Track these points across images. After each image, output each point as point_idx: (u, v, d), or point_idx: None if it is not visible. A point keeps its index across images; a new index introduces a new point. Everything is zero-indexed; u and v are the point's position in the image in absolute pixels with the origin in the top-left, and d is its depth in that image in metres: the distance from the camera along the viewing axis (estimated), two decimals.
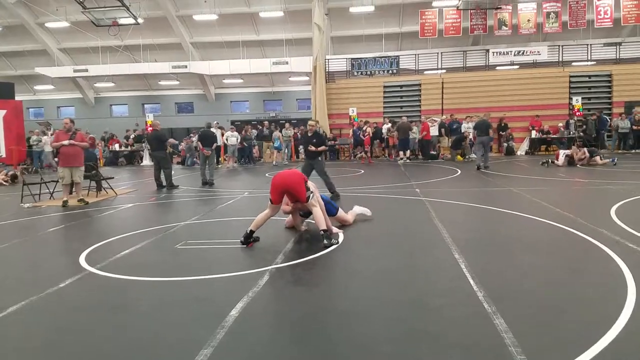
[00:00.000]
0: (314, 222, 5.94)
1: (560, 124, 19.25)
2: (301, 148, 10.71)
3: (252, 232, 5.61)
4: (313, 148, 8.85)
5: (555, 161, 14.01)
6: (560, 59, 21.80)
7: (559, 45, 22.08)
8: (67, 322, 3.49)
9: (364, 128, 18.89)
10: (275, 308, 3.68)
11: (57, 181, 10.44)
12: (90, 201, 9.61)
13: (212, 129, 13.22)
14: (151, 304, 3.80)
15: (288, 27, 25.83)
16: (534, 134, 19.34)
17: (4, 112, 23.28)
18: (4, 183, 13.86)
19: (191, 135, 19.53)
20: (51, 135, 20.97)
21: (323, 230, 5.49)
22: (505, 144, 19.44)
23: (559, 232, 5.82)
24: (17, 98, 25.53)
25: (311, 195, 5.74)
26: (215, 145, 12.81)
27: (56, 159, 11.21)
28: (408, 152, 18.02)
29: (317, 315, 3.47)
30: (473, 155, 17.30)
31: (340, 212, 6.53)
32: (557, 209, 7.19)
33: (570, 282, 4.04)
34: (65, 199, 9.22)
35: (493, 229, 6.35)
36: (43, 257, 5.63)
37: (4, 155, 22.98)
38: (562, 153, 14.20)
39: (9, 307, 3.71)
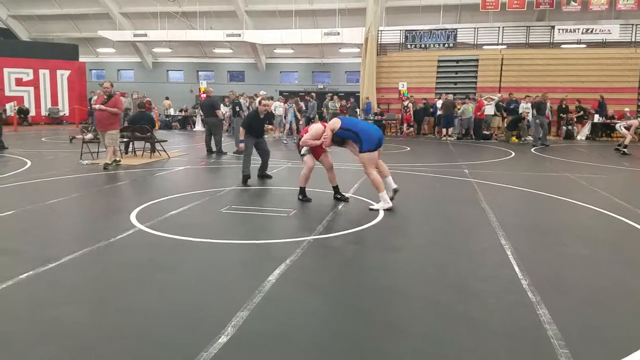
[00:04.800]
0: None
1: (627, 109, 18.01)
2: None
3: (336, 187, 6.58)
4: (270, 127, 8.28)
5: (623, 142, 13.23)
6: (633, 39, 20.24)
7: (632, 24, 20.47)
8: (116, 276, 3.66)
9: (406, 104, 18.55)
10: (311, 278, 3.70)
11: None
12: (144, 162, 10.02)
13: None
14: (194, 264, 3.92)
15: None
16: (596, 118, 18.24)
17: (68, 72, 24.46)
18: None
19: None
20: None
21: (301, 186, 6.42)
22: (564, 127, 18.47)
23: (616, 223, 5.51)
24: (80, 59, 26.64)
25: (302, 158, 6.47)
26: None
27: None
28: (451, 130, 17.65)
29: (353, 289, 3.47)
30: (529, 138, 16.60)
31: (364, 157, 6.06)
32: (617, 198, 6.80)
33: (623, 276, 3.83)
34: (107, 161, 9.16)
35: (544, 216, 6.09)
36: (97, 211, 5.92)
37: (67, 114, 24.22)
38: (619, 126, 13.59)
39: (63, 257, 3.94)
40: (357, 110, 21.24)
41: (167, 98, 24.82)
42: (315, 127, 6.38)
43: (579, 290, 3.50)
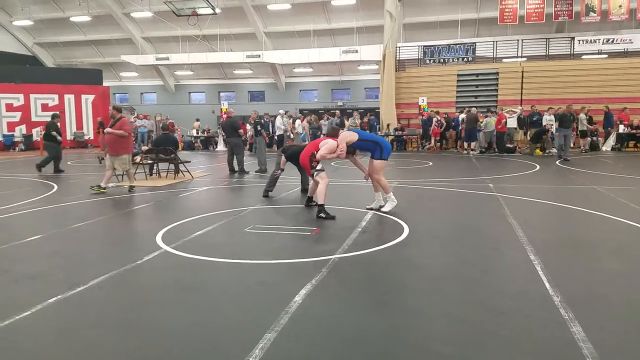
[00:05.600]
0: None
1: None
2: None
3: (310, 197, 7.16)
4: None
5: None
6: None
7: None
8: (142, 298, 3.70)
9: (438, 118, 18.57)
10: (338, 298, 3.66)
11: (140, 163, 11.12)
12: (169, 183, 10.20)
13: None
14: (220, 285, 3.93)
15: (359, 15, 25.56)
16: (621, 128, 17.87)
17: (92, 96, 25.15)
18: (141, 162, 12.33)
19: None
20: (133, 120, 22.30)
21: (319, 205, 6.43)
22: (589, 138, 18.13)
23: None
24: (104, 84, 27.41)
25: (315, 173, 6.65)
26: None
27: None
28: (474, 144, 17.49)
29: (380, 309, 3.42)
30: (554, 150, 16.34)
31: (379, 164, 6.75)
32: None
33: None
34: (131, 183, 9.25)
35: (573, 230, 5.95)
36: (123, 234, 6.00)
37: (92, 138, 24.83)
38: None
39: (90, 281, 3.99)
40: (377, 125, 21.29)
41: (197, 120, 25.10)
42: (330, 142, 6.65)
43: (613, 307, 3.39)
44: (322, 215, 6.36)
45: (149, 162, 11.34)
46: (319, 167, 6.66)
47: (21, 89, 23.67)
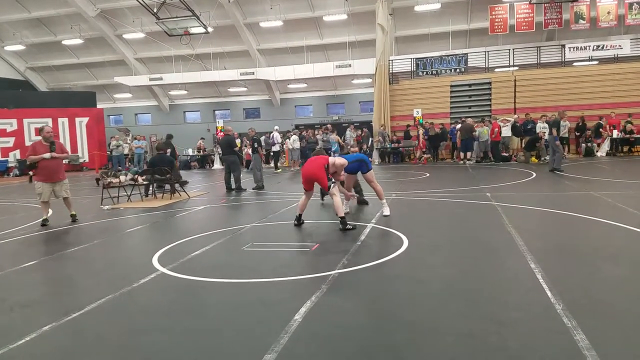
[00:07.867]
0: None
1: None
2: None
3: (300, 215, 6.98)
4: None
5: None
6: None
7: None
8: (139, 323, 3.62)
9: (419, 130, 18.78)
10: (339, 315, 3.60)
11: (135, 184, 11.00)
12: (165, 203, 10.09)
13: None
14: (218, 306, 3.87)
15: (352, 30, 25.79)
16: (615, 133, 17.97)
17: (86, 119, 25.14)
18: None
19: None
20: (130, 141, 22.26)
21: (340, 217, 6.48)
22: (583, 145, 18.23)
23: None
24: (98, 106, 27.45)
25: (332, 184, 6.70)
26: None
27: (31, 173, 9.86)
28: (469, 154, 17.53)
29: (382, 326, 3.36)
30: (548, 157, 16.36)
31: (370, 174, 7.58)
32: None
33: None
34: (45, 217, 8.22)
35: (573, 237, 5.91)
36: (119, 257, 5.93)
37: (87, 160, 24.76)
38: None
39: (86, 306, 3.92)
40: (371, 138, 21.38)
41: (202, 138, 25.14)
42: (338, 159, 7.06)
43: (616, 313, 3.35)
44: (349, 227, 6.43)
45: (145, 183, 11.27)
46: (332, 182, 6.82)
47: (14, 114, 23.63)
